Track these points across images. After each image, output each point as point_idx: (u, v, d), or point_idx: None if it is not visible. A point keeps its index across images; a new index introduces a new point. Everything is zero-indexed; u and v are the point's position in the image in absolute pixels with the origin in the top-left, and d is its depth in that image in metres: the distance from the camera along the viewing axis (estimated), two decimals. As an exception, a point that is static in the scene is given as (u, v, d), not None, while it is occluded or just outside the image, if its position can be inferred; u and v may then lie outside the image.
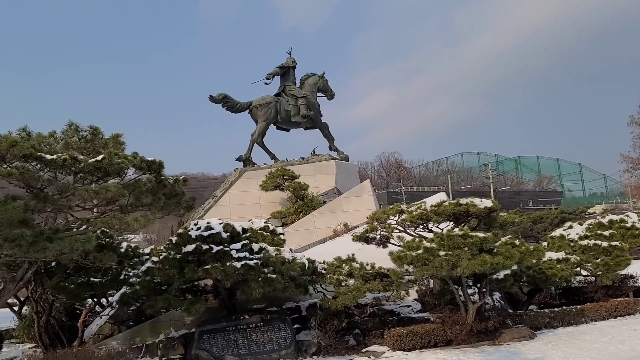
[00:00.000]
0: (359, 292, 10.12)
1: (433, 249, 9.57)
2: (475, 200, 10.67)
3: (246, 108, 18.54)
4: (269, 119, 18.30)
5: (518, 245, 10.20)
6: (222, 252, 9.59)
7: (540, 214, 47.87)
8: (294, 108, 18.77)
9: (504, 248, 9.90)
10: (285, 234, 15.29)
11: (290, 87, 19.27)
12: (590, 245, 13.56)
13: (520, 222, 11.21)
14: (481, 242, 9.54)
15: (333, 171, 18.02)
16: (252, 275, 9.49)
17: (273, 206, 16.73)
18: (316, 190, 17.41)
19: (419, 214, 10.84)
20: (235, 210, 16.49)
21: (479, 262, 9.16)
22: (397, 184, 76.40)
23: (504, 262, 9.50)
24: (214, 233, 9.90)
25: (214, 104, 18.06)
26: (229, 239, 10.34)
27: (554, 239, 14.93)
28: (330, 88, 20.52)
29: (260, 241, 10.86)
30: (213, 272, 9.21)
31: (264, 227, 11.26)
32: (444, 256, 9.34)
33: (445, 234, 9.66)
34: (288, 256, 10.20)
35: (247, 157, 18.13)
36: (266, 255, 10.02)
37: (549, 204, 74.33)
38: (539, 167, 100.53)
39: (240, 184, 17.10)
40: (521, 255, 9.98)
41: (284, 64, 19.52)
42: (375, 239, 11.99)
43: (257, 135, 18.24)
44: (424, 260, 9.49)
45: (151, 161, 7.10)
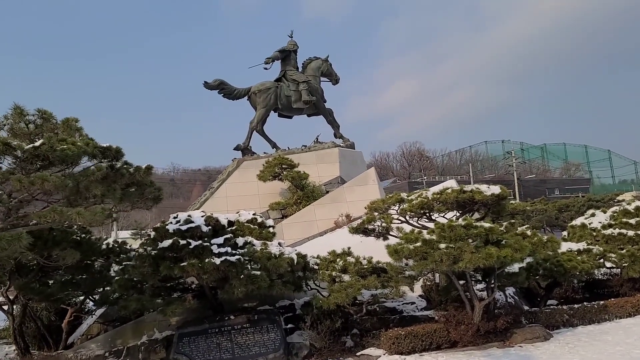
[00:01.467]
0: (353, 289, 9.31)
1: (433, 241, 8.70)
2: (481, 187, 9.72)
3: (244, 94, 17.79)
4: (268, 105, 17.51)
5: (530, 236, 9.25)
6: (201, 247, 8.87)
7: (566, 202, 46.18)
8: (295, 94, 17.95)
9: (513, 239, 8.95)
10: (284, 226, 14.62)
11: (291, 71, 18.43)
12: (614, 234, 12.46)
13: (531, 211, 10.06)
14: (487, 233, 8.63)
15: (337, 159, 17.17)
16: (233, 272, 8.76)
17: (272, 197, 16.00)
18: (318, 180, 16.61)
19: (419, 202, 9.95)
20: (233, 202, 15.81)
21: (484, 255, 8.24)
22: (418, 174, 75.05)
23: (513, 255, 8.56)
24: (193, 227, 9.20)
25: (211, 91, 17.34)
26: (211, 232, 9.64)
27: (575, 228, 13.84)
28: (335, 72, 19.62)
29: (247, 235, 10.15)
30: (190, 270, 8.52)
31: (252, 220, 10.50)
32: (445, 249, 8.46)
33: (446, 224, 8.77)
34: (275, 251, 9.42)
35: (245, 145, 17.40)
36: (250, 250, 9.27)
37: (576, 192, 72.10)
38: (566, 154, 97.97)
39: (238, 175, 16.40)
40: (533, 247, 9.03)
41: (285, 48, 18.68)
42: (374, 230, 11.17)
43: (256, 122, 17.49)
44: (422, 253, 8.62)
45: (105, 147, 6.38)
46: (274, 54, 18.18)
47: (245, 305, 11.10)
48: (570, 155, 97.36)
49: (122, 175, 6.61)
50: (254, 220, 10.51)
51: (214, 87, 17.21)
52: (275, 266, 9.15)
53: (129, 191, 6.98)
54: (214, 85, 17.19)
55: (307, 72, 18.79)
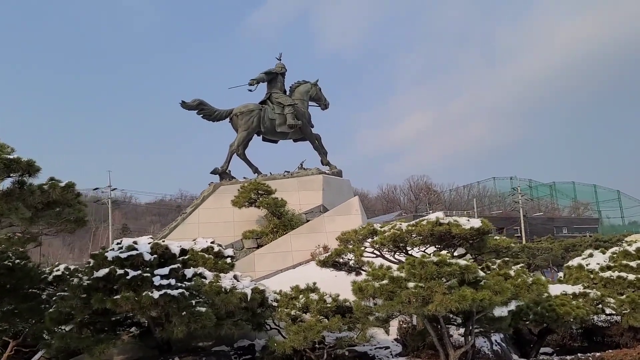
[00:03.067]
0: (312, 331, 8.29)
1: (401, 278, 7.74)
2: (460, 220, 8.79)
3: (226, 116, 17.13)
4: (250, 128, 16.81)
5: (512, 277, 8.25)
6: (140, 278, 7.97)
7: (573, 241, 45.12)
8: (279, 117, 17.26)
9: (493, 280, 7.98)
10: (256, 256, 13.69)
11: (277, 94, 17.81)
12: (613, 277, 11.39)
13: (513, 247, 9.06)
14: (462, 272, 7.65)
15: (320, 187, 16.33)
16: (174, 308, 7.82)
17: (249, 225, 15.12)
18: (299, 208, 15.72)
19: (391, 234, 9.02)
20: (205, 229, 14.89)
21: (457, 297, 7.28)
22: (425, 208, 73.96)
23: (492, 298, 7.58)
24: (134, 255, 8.31)
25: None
26: (157, 262, 8.74)
27: (571, 269, 12.78)
28: (324, 97, 18.99)
29: (200, 265, 9.23)
30: (123, 304, 7.59)
31: (207, 248, 9.60)
32: (413, 289, 7.49)
33: (417, 260, 7.82)
34: (227, 284, 8.48)
35: (223, 169, 16.62)
36: (197, 283, 8.34)
37: (584, 232, 70.69)
38: (575, 193, 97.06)
39: (214, 200, 15.57)
40: (516, 289, 8.03)
41: (272, 70, 18.11)
42: (346, 264, 10.21)
43: (236, 145, 16.76)
44: (388, 292, 7.65)
45: (12, 160, 5.57)
46: (259, 75, 17.59)
47: (199, 345, 10.09)
48: (580, 194, 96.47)
49: (32, 192, 5.79)
50: (209, 249, 9.61)
51: (192, 107, 16.57)
52: (224, 302, 8.20)
53: (43, 212, 6.14)
54: (193, 105, 16.56)
55: (295, 96, 18.17)
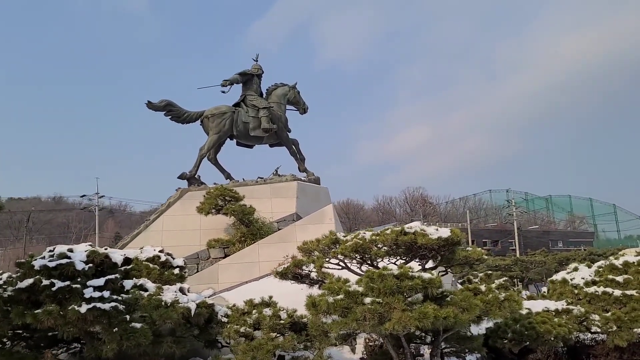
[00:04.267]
0: (261, 350, 7.54)
1: (357, 293, 7.03)
2: (427, 229, 8.11)
3: (196, 119, 16.43)
4: (222, 131, 16.11)
5: (483, 293, 7.56)
6: (68, 289, 7.22)
7: (567, 254, 44.69)
8: (253, 120, 16.58)
9: (460, 296, 7.28)
10: (220, 267, 12.96)
11: (252, 96, 17.13)
12: (598, 293, 10.74)
13: (485, 259, 8.34)
14: (425, 286, 6.96)
15: (294, 194, 15.62)
16: (104, 324, 7.07)
17: (217, 233, 14.38)
18: (271, 216, 15.00)
19: (353, 244, 8.31)
20: (169, 238, 14.16)
21: (417, 315, 6.58)
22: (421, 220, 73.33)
23: (458, 316, 6.88)
24: (63, 264, 7.56)
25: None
26: (93, 271, 7.99)
27: (555, 283, 12.12)
28: (303, 101, 18.32)
29: (144, 276, 8.49)
30: (44, 319, 6.82)
31: (154, 258, 8.86)
32: (370, 304, 6.78)
33: (376, 273, 7.12)
34: (170, 297, 7.74)
35: (192, 174, 15.86)
36: (135, 296, 7.59)
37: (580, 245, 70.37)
38: (571, 206, 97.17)
39: (180, 207, 14.82)
40: (486, 306, 7.32)
41: (247, 71, 17.44)
42: (308, 276, 9.50)
43: (206, 150, 16.03)
44: (342, 309, 6.93)
45: None
46: (233, 76, 16.91)
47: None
48: (576, 208, 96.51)
49: None
50: (155, 259, 8.86)
51: (159, 108, 15.84)
52: (163, 317, 7.45)
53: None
54: (160, 106, 15.83)
55: (271, 99, 17.51)
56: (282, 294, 9.53)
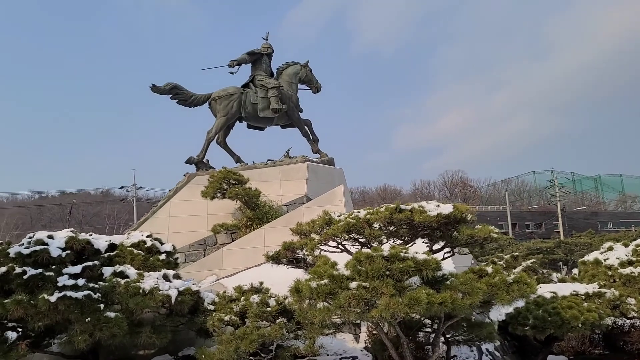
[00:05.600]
0: (245, 340, 7.05)
1: (342, 277, 6.41)
2: (427, 205, 7.37)
3: (204, 101, 16.02)
4: (229, 113, 15.64)
5: (489, 275, 6.79)
6: (40, 277, 6.91)
7: (616, 236, 42.51)
8: (262, 101, 16.03)
9: (461, 279, 6.54)
10: (224, 252, 12.57)
11: (261, 76, 16.58)
12: (635, 274, 9.74)
13: (494, 237, 7.46)
14: (419, 269, 6.27)
15: (304, 176, 15.03)
16: (76, 313, 6.73)
17: (225, 218, 13.99)
18: (280, 199, 14.49)
19: (345, 224, 7.67)
20: (176, 223, 13.90)
21: (407, 300, 5.89)
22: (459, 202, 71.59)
23: (457, 302, 6.16)
24: (37, 250, 7.26)
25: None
26: (73, 258, 7.69)
27: (587, 264, 11.13)
28: (316, 79, 17.64)
29: (128, 262, 8.13)
30: (13, 308, 6.53)
31: (139, 243, 8.48)
32: (355, 290, 6.15)
33: (363, 254, 6.47)
34: (150, 285, 7.34)
35: (199, 158, 15.49)
36: (111, 284, 7.23)
37: (631, 226, 67.13)
38: (622, 186, 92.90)
39: (187, 192, 14.49)
40: (491, 289, 6.56)
41: (256, 50, 16.88)
42: (304, 260, 8.95)
43: (213, 133, 15.62)
44: (325, 294, 6.34)
45: None
46: (241, 56, 16.38)
47: (139, 354, 9.02)
48: (628, 187, 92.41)
49: None
50: (140, 244, 8.48)
51: (165, 91, 15.49)
52: (139, 306, 7.05)
53: None
54: (165, 89, 15.48)
55: (282, 78, 16.90)
56: (285, 279, 8.96)
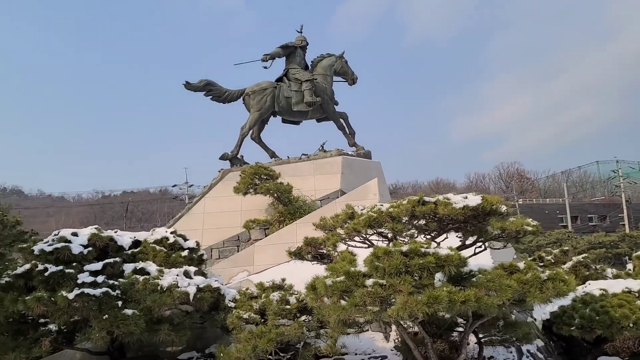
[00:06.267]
0: (263, 339, 6.86)
1: (358, 274, 6.08)
2: (453, 197, 6.90)
3: (238, 97, 16.00)
4: (263, 108, 15.54)
5: (521, 271, 6.25)
6: (61, 274, 6.99)
7: (685, 227, 39.59)
8: (296, 95, 15.84)
9: (488, 276, 6.06)
10: (256, 248, 12.49)
11: (295, 69, 16.38)
12: (696, 269, 8.80)
13: (529, 229, 6.85)
14: (440, 264, 5.85)
15: (339, 170, 14.71)
16: (94, 310, 6.76)
17: (257, 214, 13.92)
18: (314, 194, 14.26)
19: (366, 218, 7.32)
20: (210, 220, 13.96)
21: (427, 299, 5.50)
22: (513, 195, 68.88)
23: (482, 300, 5.70)
24: (59, 247, 7.36)
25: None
26: (96, 255, 7.76)
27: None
28: (352, 70, 17.26)
29: (150, 258, 8.14)
30: (33, 305, 6.63)
31: (161, 239, 8.47)
32: (371, 287, 5.81)
33: (381, 250, 6.11)
34: (169, 282, 7.28)
35: (234, 154, 15.48)
36: (130, 281, 7.22)
37: (702, 217, 62.44)
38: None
39: (221, 188, 14.52)
40: (522, 287, 6.04)
41: (289, 44, 16.69)
42: (329, 256, 8.68)
43: (247, 128, 15.58)
44: (340, 292, 6.03)
45: None
46: (274, 50, 16.25)
47: (167, 350, 9.05)
48: None
49: None
50: (163, 240, 8.46)
51: (199, 88, 15.57)
52: (157, 303, 7.00)
53: None
54: (200, 86, 15.55)
55: (317, 71, 16.63)
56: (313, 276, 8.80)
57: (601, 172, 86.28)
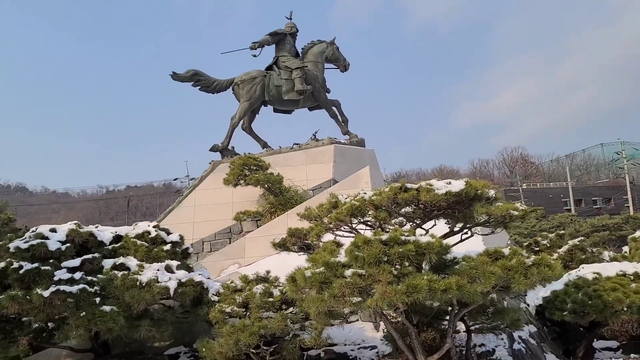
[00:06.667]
0: (245, 332, 6.71)
1: (337, 264, 5.92)
2: (436, 183, 6.68)
3: (227, 86, 15.74)
4: (253, 97, 15.29)
5: (505, 257, 6.07)
6: (36, 272, 6.85)
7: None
8: (286, 83, 15.56)
9: (472, 263, 5.89)
10: (247, 240, 12.33)
11: (285, 57, 16.08)
12: (692, 250, 8.60)
13: (515, 214, 6.62)
14: (420, 252, 5.67)
15: (331, 159, 14.50)
16: (71, 308, 6.62)
17: (249, 205, 13.74)
18: (306, 184, 14.07)
19: (348, 207, 7.13)
20: (201, 212, 13.81)
21: (406, 288, 5.33)
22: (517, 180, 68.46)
23: (465, 288, 5.53)
24: (35, 244, 7.21)
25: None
26: (74, 251, 7.61)
27: (638, 241, 10.01)
28: (344, 57, 16.92)
29: (131, 253, 7.99)
30: (7, 304, 6.50)
31: (143, 234, 8.31)
32: (350, 278, 5.64)
33: (361, 238, 5.93)
34: (148, 277, 7.13)
35: (224, 145, 15.27)
36: (109, 277, 7.08)
37: None
38: None
39: (212, 180, 14.35)
40: (507, 274, 5.86)
41: (278, 30, 16.38)
42: (316, 246, 8.50)
43: (237, 118, 15.34)
44: (319, 283, 5.86)
45: None
46: (263, 37, 15.94)
47: (155, 345, 8.93)
48: None
49: None
50: (145, 235, 8.30)
51: (186, 78, 15.31)
52: (135, 299, 6.86)
53: None
54: (187, 76, 15.28)
55: (307, 58, 16.33)
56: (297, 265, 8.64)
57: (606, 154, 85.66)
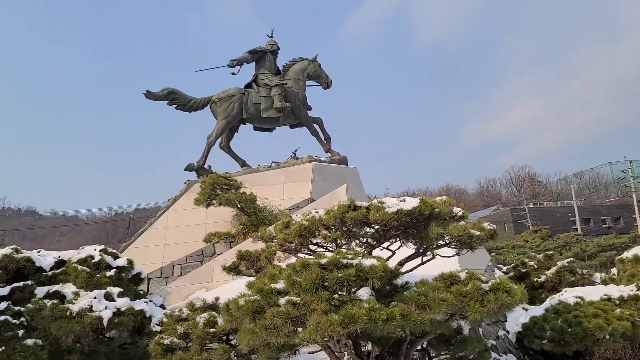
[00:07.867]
0: (181, 368, 6.13)
1: (272, 291, 5.36)
2: (388, 201, 6.15)
3: (204, 105, 15.39)
4: (230, 115, 14.91)
5: (461, 282, 5.49)
6: (-45, 302, 6.33)
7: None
8: (265, 100, 15.20)
9: (422, 289, 5.32)
10: (215, 263, 11.77)
11: (264, 74, 15.77)
12: (681, 272, 7.97)
13: (476, 234, 6.06)
14: (362, 277, 5.12)
15: (309, 177, 14.01)
16: (-11, 340, 6.07)
17: (223, 227, 13.23)
18: (283, 203, 13.55)
19: (297, 227, 6.60)
20: (173, 234, 13.30)
21: (341, 319, 4.76)
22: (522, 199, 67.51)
23: (411, 317, 4.95)
24: (-41, 272, 6.70)
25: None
26: (5, 278, 7.11)
27: (625, 263, 9.39)
28: (326, 74, 16.61)
29: (72, 280, 7.46)
30: None
31: (86, 258, 7.79)
32: (283, 307, 5.09)
33: (300, 262, 5.39)
34: (81, 306, 6.59)
35: (200, 165, 14.85)
36: (37, 307, 6.54)
37: None
38: None
39: (185, 201, 13.85)
40: (461, 300, 5.27)
41: (258, 48, 16.09)
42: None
43: (214, 137, 14.94)
44: (252, 313, 5.30)
45: None
46: (242, 55, 15.64)
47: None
48: None
49: None
50: (88, 259, 7.78)
51: (161, 97, 14.96)
52: (62, 331, 6.31)
53: None
54: (162, 95, 14.94)
55: (288, 75, 16.02)
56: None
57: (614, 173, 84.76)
